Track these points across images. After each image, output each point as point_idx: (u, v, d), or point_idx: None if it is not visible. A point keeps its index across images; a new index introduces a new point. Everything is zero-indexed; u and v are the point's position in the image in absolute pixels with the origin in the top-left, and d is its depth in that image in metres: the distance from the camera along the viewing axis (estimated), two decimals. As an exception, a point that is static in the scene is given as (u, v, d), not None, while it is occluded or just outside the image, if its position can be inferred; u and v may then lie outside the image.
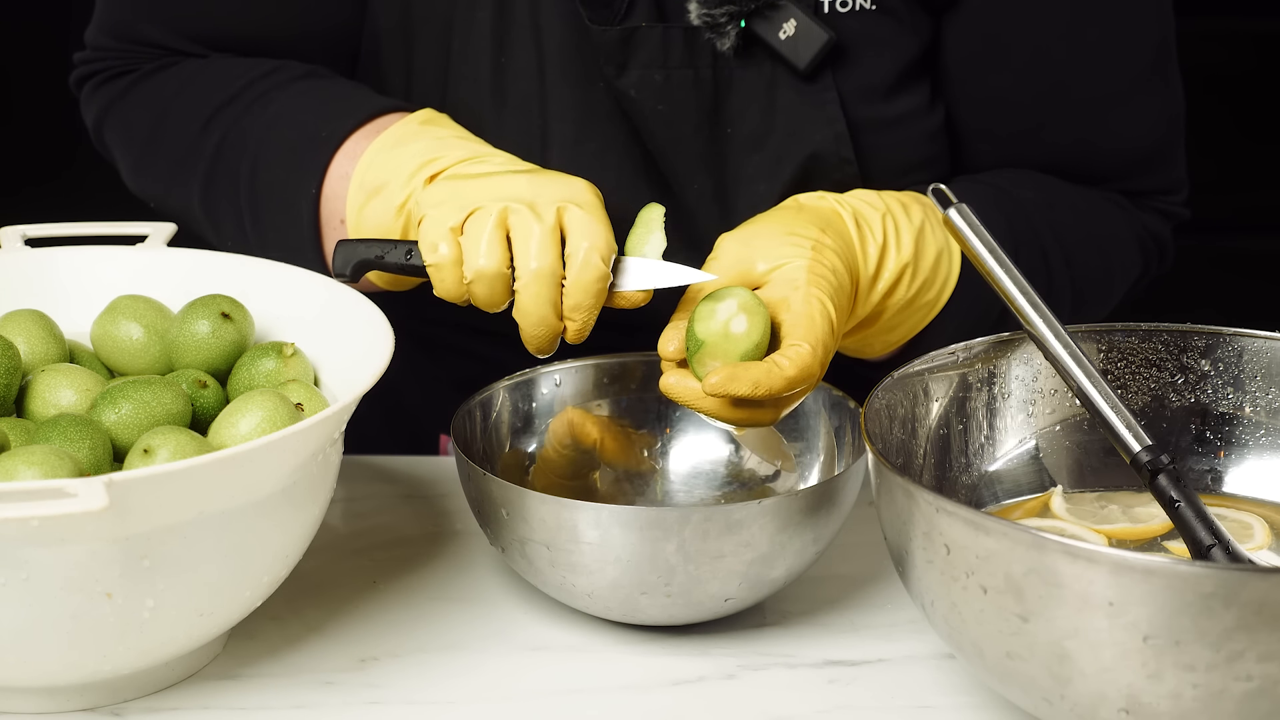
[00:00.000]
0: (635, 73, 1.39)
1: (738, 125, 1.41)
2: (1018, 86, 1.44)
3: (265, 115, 1.39)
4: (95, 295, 1.35)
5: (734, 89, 1.40)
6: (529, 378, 1.38)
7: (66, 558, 1.08)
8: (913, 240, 1.32)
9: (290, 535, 1.18)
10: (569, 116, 1.41)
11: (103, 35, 1.49)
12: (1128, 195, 1.50)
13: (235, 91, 1.42)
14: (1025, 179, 1.46)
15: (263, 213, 1.39)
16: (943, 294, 1.36)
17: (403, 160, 1.31)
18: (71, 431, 1.18)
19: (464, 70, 1.42)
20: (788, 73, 1.39)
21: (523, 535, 1.23)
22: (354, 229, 1.33)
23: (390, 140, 1.33)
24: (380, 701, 1.20)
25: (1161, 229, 1.51)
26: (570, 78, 1.41)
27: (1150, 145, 1.49)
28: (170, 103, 1.45)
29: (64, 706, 1.18)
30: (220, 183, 1.41)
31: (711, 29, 1.37)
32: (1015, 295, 1.21)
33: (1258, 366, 1.28)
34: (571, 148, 1.41)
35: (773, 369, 1.19)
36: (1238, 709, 1.03)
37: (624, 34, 1.38)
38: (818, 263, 1.24)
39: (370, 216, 1.32)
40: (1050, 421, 1.29)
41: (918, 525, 1.10)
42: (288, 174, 1.37)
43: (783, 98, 1.40)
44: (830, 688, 1.22)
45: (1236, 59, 2.90)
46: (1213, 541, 1.16)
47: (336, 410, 1.16)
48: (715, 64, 1.39)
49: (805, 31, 1.37)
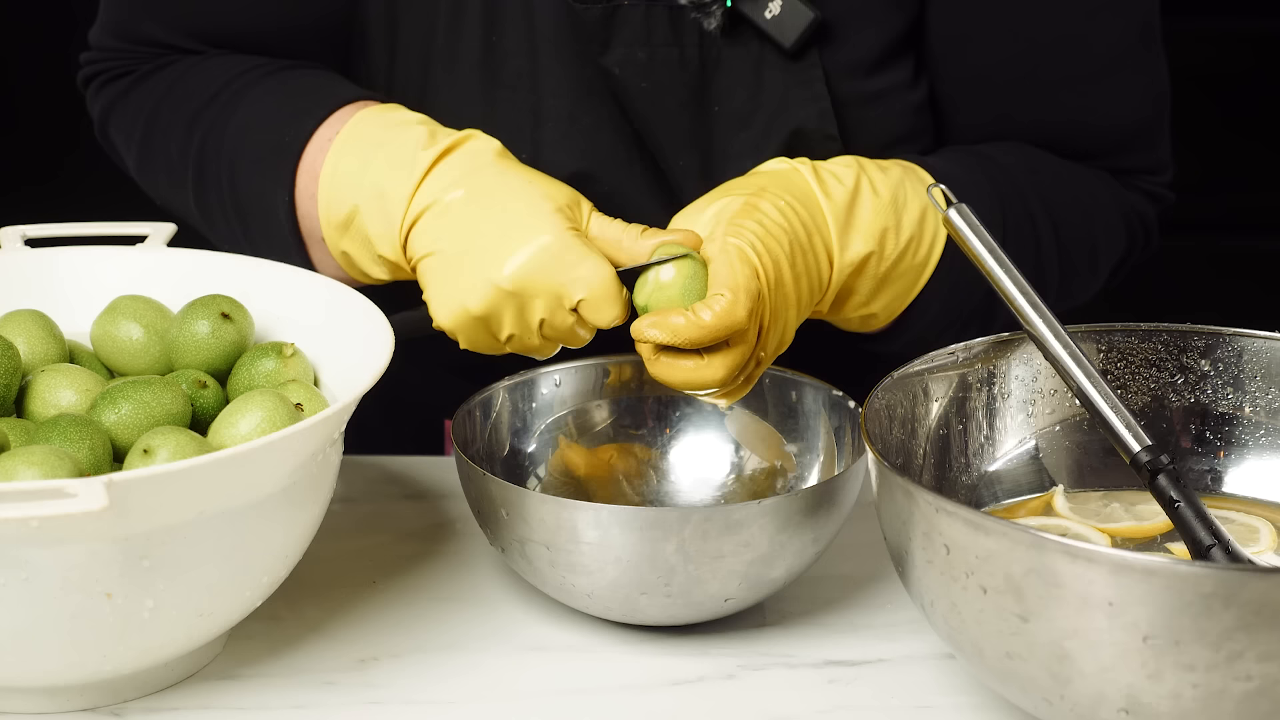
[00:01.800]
0: (619, 50, 1.39)
1: (724, 103, 1.41)
2: (1001, 64, 1.44)
3: (235, 119, 1.40)
4: (95, 295, 1.35)
5: (720, 68, 1.40)
6: (529, 378, 1.38)
7: (66, 558, 1.08)
8: (890, 190, 1.32)
9: (290, 535, 1.19)
10: (562, 93, 1.42)
11: (106, 35, 1.50)
12: (1113, 174, 1.50)
13: (214, 92, 1.42)
14: (1011, 148, 1.46)
15: (246, 218, 1.39)
16: (931, 254, 1.34)
17: (367, 195, 1.30)
18: (71, 432, 1.18)
19: (454, 48, 1.42)
20: (774, 51, 1.39)
21: (522, 535, 1.23)
22: (336, 254, 1.34)
23: (348, 157, 1.32)
24: (380, 701, 1.20)
25: (1146, 209, 1.51)
26: (563, 55, 1.41)
27: (1134, 123, 1.49)
28: (160, 104, 1.45)
29: (64, 706, 1.18)
30: (207, 186, 1.42)
31: (697, 9, 1.38)
32: (1015, 295, 1.21)
33: (1257, 366, 1.28)
34: (565, 123, 1.42)
35: (690, 316, 1.20)
36: (1237, 709, 1.03)
37: (606, 11, 1.38)
38: (741, 214, 1.25)
39: (352, 251, 1.32)
40: (1050, 422, 1.29)
41: (917, 525, 1.10)
42: (260, 182, 1.37)
43: (769, 76, 1.40)
44: (830, 688, 1.22)
45: (1232, 59, 2.90)
46: (1212, 541, 1.16)
47: (336, 410, 1.16)
48: (701, 43, 1.40)
49: (791, 10, 1.37)
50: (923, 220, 1.33)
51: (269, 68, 1.43)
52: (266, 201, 1.37)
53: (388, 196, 1.28)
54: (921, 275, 1.35)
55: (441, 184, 1.27)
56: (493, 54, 1.42)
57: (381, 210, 1.29)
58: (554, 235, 1.23)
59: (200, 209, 1.43)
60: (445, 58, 1.43)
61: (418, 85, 1.43)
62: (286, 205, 1.36)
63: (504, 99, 1.42)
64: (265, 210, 1.37)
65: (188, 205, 1.44)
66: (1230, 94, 2.88)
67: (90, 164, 1.73)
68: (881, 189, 1.32)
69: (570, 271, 1.23)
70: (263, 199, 1.37)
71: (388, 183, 1.28)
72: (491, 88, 1.42)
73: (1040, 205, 1.43)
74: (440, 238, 1.26)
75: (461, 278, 1.25)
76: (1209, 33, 2.78)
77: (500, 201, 1.25)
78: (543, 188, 1.26)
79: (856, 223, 1.30)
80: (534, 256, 1.23)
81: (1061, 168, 1.47)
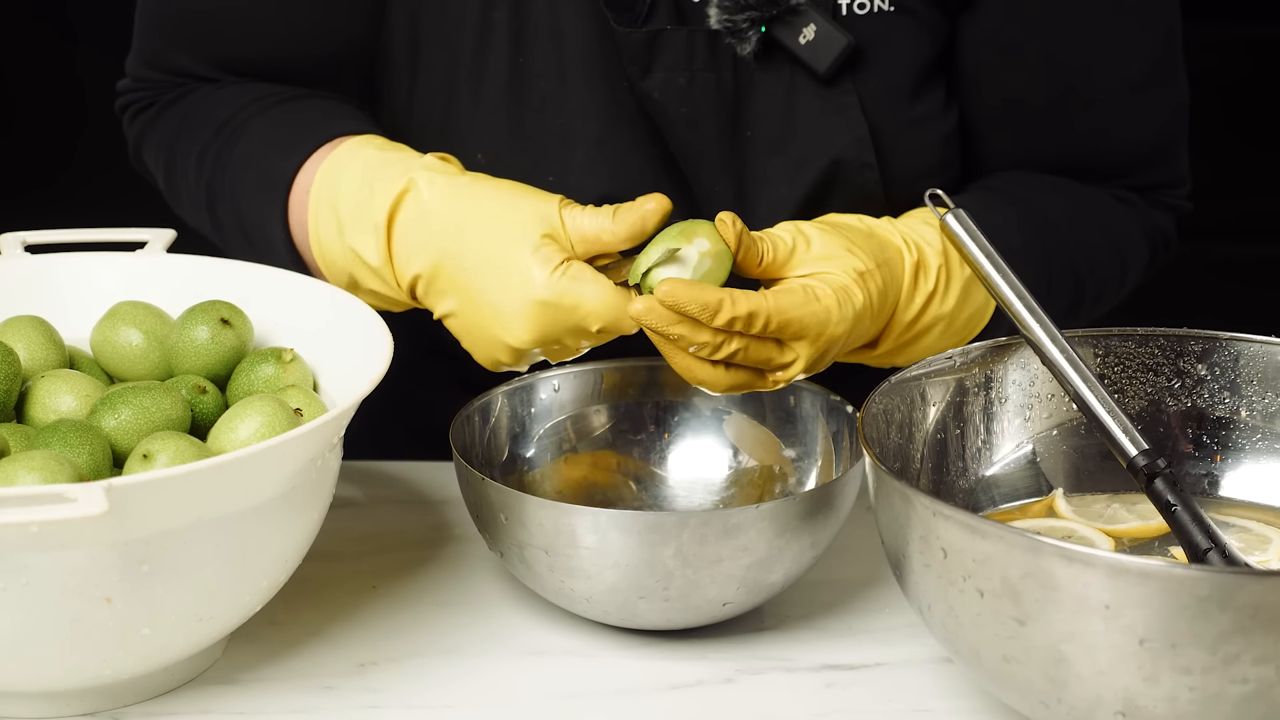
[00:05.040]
0: (659, 75, 1.39)
1: (758, 128, 1.41)
2: (1035, 84, 1.44)
3: (235, 152, 1.41)
4: (95, 301, 1.35)
5: (754, 92, 1.40)
6: (527, 383, 1.38)
7: (66, 563, 1.09)
8: (958, 295, 1.32)
9: (289, 540, 1.19)
10: (591, 116, 1.41)
11: (140, 65, 1.51)
12: (1136, 191, 1.50)
13: (220, 123, 1.43)
14: (1045, 185, 1.46)
15: (257, 248, 1.40)
16: (964, 340, 1.35)
17: (355, 263, 1.30)
18: (71, 437, 1.19)
19: (479, 70, 1.42)
20: (808, 76, 1.39)
21: (521, 540, 1.23)
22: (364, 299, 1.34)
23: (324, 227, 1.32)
24: (379, 706, 1.20)
25: (1167, 224, 1.52)
26: (593, 78, 1.41)
27: (1159, 138, 1.49)
28: (179, 133, 1.46)
29: (63, 711, 1.18)
30: (219, 217, 1.43)
31: (732, 34, 1.37)
32: (1012, 300, 1.22)
33: (1254, 371, 1.28)
34: (595, 147, 1.41)
35: (725, 298, 1.18)
36: (1234, 712, 1.03)
37: (649, 36, 1.38)
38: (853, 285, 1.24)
39: (373, 301, 1.32)
40: (1047, 426, 1.29)
41: (915, 529, 1.10)
42: (259, 217, 1.38)
43: (803, 101, 1.40)
44: (828, 692, 1.22)
45: (1232, 65, 2.91)
46: (1209, 545, 1.16)
47: (335, 415, 1.16)
48: (736, 67, 1.40)
49: (825, 36, 1.37)
50: (969, 321, 1.34)
51: (274, 98, 1.43)
52: (266, 234, 1.38)
53: (379, 270, 1.29)
54: (968, 338, 1.35)
55: (411, 261, 1.27)
56: (520, 76, 1.41)
57: (379, 281, 1.30)
58: (544, 288, 1.22)
59: (217, 234, 1.45)
60: (471, 79, 1.42)
61: (441, 107, 1.43)
62: (284, 241, 1.37)
63: (531, 121, 1.42)
64: (266, 242, 1.38)
65: (210, 230, 1.46)
66: (1227, 100, 2.88)
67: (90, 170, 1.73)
68: (951, 295, 1.31)
69: (575, 314, 1.22)
70: (263, 232, 1.38)
71: (367, 256, 1.29)
72: (519, 110, 1.42)
73: (1080, 252, 1.44)
74: (445, 300, 1.27)
75: (483, 340, 1.26)
76: (1210, 39, 2.79)
77: (479, 259, 1.24)
78: (511, 232, 1.23)
79: (915, 328, 1.31)
80: (537, 318, 1.22)
81: (1092, 202, 1.47)
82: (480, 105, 1.42)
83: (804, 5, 1.36)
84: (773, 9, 1.36)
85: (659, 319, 1.18)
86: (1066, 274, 1.42)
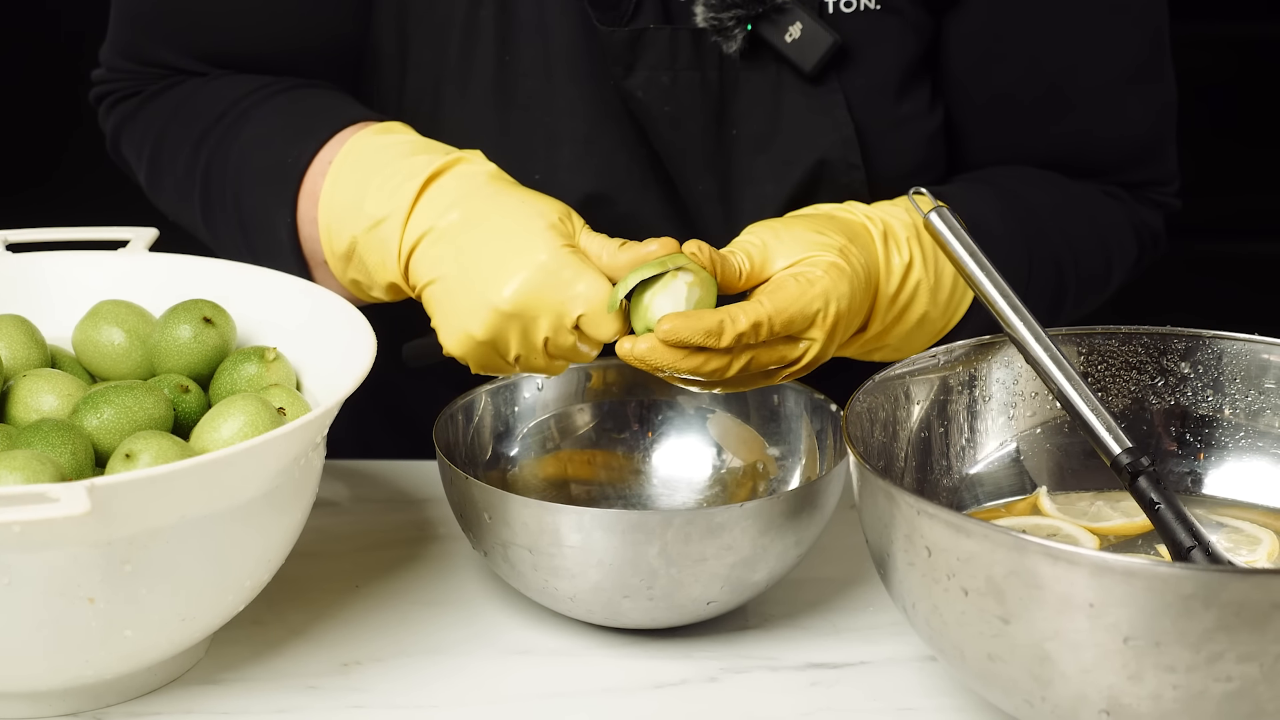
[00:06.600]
0: (642, 74, 1.39)
1: (743, 127, 1.41)
2: (1022, 82, 1.44)
3: (240, 140, 1.39)
4: (77, 300, 1.35)
5: (740, 90, 1.40)
6: (511, 382, 1.38)
7: (48, 563, 1.08)
8: (935, 259, 1.32)
9: (272, 540, 1.19)
10: (578, 114, 1.41)
11: (115, 55, 1.50)
12: (1125, 188, 1.50)
13: (221, 111, 1.42)
14: (1032, 177, 1.46)
15: (250, 236, 1.39)
16: (952, 320, 1.35)
17: (364, 226, 1.29)
18: (53, 436, 1.18)
19: (466, 69, 1.42)
20: (793, 75, 1.39)
21: (505, 539, 1.23)
22: (345, 283, 1.33)
23: (343, 186, 1.31)
24: (363, 706, 1.20)
25: (1156, 221, 1.52)
26: (578, 77, 1.40)
27: (1147, 135, 1.49)
28: (168, 124, 1.45)
29: (46, 712, 1.18)
30: (213, 205, 1.41)
31: (718, 32, 1.37)
32: (996, 298, 1.22)
33: (1237, 369, 1.28)
34: (581, 145, 1.41)
35: (724, 317, 1.18)
36: (1217, 710, 1.03)
37: (632, 35, 1.38)
38: (838, 258, 1.24)
39: (359, 279, 1.32)
40: (1031, 424, 1.29)
41: (899, 528, 1.10)
42: (263, 203, 1.37)
43: (788, 100, 1.40)
44: (812, 690, 1.22)
45: (1218, 64, 2.91)
46: (1193, 543, 1.16)
47: (318, 415, 1.16)
48: (721, 66, 1.39)
49: (811, 34, 1.37)
50: (952, 290, 1.33)
51: (276, 86, 1.42)
52: (269, 223, 1.36)
53: (383, 226, 1.27)
54: (935, 337, 1.35)
55: (435, 210, 1.26)
56: (506, 74, 1.41)
57: (379, 240, 1.28)
58: (549, 253, 1.22)
59: (208, 226, 1.43)
60: (458, 78, 1.42)
61: (429, 105, 1.43)
62: (289, 228, 1.35)
63: (518, 120, 1.41)
64: (268, 231, 1.37)
65: (195, 222, 1.45)
66: (1211, 99, 2.89)
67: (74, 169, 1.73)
68: (929, 260, 1.31)
69: (568, 289, 1.21)
70: (266, 220, 1.37)
71: (382, 212, 1.27)
72: (505, 108, 1.41)
73: (1063, 243, 1.44)
74: (439, 264, 1.25)
75: (463, 304, 1.23)
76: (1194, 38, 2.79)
77: (495, 223, 1.24)
78: (536, 205, 1.24)
79: (899, 300, 1.30)
80: (531, 277, 1.21)
81: (1082, 194, 1.47)
82: (467, 103, 1.42)
83: (790, 4, 1.36)
84: (759, 7, 1.36)
85: (665, 357, 1.18)
86: (1048, 262, 1.42)
